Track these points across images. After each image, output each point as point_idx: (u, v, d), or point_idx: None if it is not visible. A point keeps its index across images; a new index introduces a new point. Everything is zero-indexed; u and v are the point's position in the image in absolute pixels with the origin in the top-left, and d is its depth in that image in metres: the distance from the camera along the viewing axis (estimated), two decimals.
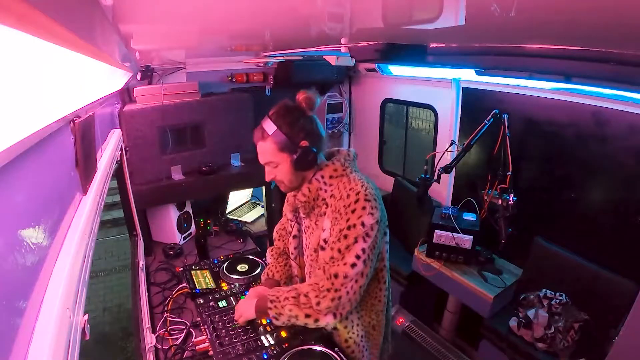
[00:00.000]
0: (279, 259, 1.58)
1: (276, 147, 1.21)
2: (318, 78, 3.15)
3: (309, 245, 1.33)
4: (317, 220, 1.28)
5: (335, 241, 1.15)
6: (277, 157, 1.22)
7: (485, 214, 2.27)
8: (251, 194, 3.28)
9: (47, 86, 0.52)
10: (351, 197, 1.14)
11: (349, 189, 1.17)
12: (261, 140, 1.23)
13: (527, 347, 1.88)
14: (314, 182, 1.25)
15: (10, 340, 0.42)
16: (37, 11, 0.27)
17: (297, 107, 1.25)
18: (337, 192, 1.21)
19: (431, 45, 1.32)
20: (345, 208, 1.14)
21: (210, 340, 1.39)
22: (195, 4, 0.75)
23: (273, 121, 1.21)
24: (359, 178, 1.21)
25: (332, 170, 1.24)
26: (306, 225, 1.34)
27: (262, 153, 1.25)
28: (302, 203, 1.27)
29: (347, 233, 1.12)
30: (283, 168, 1.23)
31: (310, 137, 1.22)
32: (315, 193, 1.25)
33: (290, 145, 1.20)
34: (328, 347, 1.30)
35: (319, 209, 1.26)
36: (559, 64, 1.03)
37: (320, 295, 1.14)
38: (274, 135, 1.20)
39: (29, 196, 0.57)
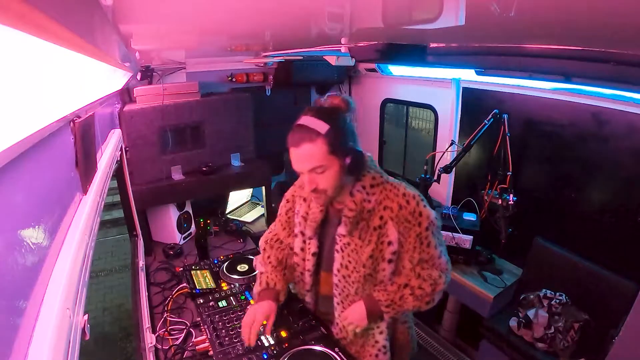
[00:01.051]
0: (278, 268, 1.43)
1: (327, 149, 1.08)
2: (318, 78, 3.15)
3: (351, 262, 1.23)
4: (361, 236, 1.20)
5: (417, 246, 1.18)
6: (327, 160, 1.10)
7: (485, 214, 2.27)
8: (251, 194, 3.28)
9: (47, 86, 0.52)
10: (411, 203, 1.16)
11: (402, 195, 1.17)
12: (308, 142, 1.08)
13: (527, 347, 1.87)
14: (356, 194, 1.18)
15: (10, 340, 0.42)
16: (37, 11, 0.27)
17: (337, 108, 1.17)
18: (388, 202, 1.17)
19: (431, 45, 1.32)
20: (412, 214, 1.16)
21: (210, 340, 1.39)
22: (196, 4, 0.75)
23: (321, 119, 1.09)
24: (398, 182, 1.22)
25: (371, 179, 1.20)
26: (344, 242, 1.23)
27: (308, 157, 1.10)
28: (349, 219, 1.19)
29: (427, 234, 1.17)
30: (330, 174, 1.12)
31: (354, 139, 1.16)
32: (360, 205, 1.18)
33: (343, 146, 1.11)
34: (328, 347, 1.30)
35: (364, 223, 1.20)
36: (559, 64, 1.03)
37: (437, 282, 1.20)
38: (327, 134, 1.08)
39: (29, 196, 0.57)
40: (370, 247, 1.19)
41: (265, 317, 1.29)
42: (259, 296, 1.39)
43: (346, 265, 1.25)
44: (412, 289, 1.20)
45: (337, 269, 1.27)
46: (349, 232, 1.21)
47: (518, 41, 1.01)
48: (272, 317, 1.31)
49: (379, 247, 1.20)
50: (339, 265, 1.27)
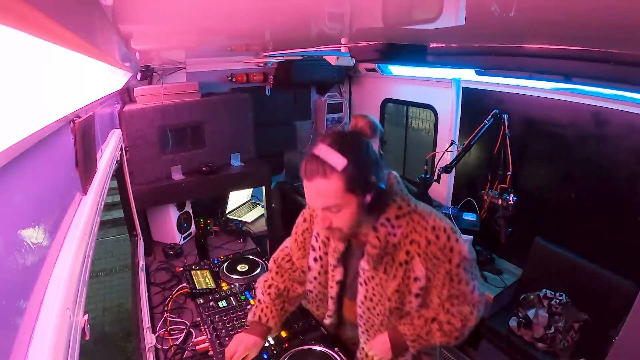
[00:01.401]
0: (276, 301, 1.33)
1: (344, 187, 0.96)
2: (318, 78, 3.15)
3: (376, 295, 1.15)
4: (386, 270, 1.11)
5: (446, 283, 1.08)
6: (343, 199, 0.98)
7: (485, 214, 2.27)
8: (251, 194, 3.28)
9: (47, 86, 0.52)
10: (442, 238, 1.05)
11: (432, 229, 1.06)
12: (321, 178, 0.96)
13: (527, 347, 1.87)
14: (380, 228, 1.07)
15: (10, 340, 0.42)
16: (37, 11, 0.27)
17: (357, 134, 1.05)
18: (415, 235, 1.07)
19: (431, 45, 1.32)
20: (442, 250, 1.05)
21: (210, 340, 1.39)
22: (196, 4, 0.75)
23: (338, 151, 0.96)
24: (428, 211, 1.10)
25: (396, 209, 1.08)
26: (368, 276, 1.14)
27: (321, 194, 0.98)
28: (372, 257, 1.09)
29: (458, 271, 1.06)
30: (347, 212, 1.00)
31: (377, 171, 1.02)
32: (384, 240, 1.07)
33: (363, 183, 0.98)
34: (328, 347, 1.30)
35: (388, 257, 1.10)
36: (559, 64, 1.03)
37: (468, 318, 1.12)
38: (345, 170, 0.94)
39: (29, 196, 0.57)
40: (396, 281, 1.10)
41: (247, 351, 1.23)
42: (250, 326, 1.33)
43: (370, 298, 1.17)
44: (440, 324, 1.11)
45: (361, 301, 1.19)
46: (372, 268, 1.12)
47: (518, 41, 1.01)
48: (253, 354, 1.25)
49: (405, 281, 1.10)
50: (362, 298, 1.18)
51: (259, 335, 1.28)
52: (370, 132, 1.06)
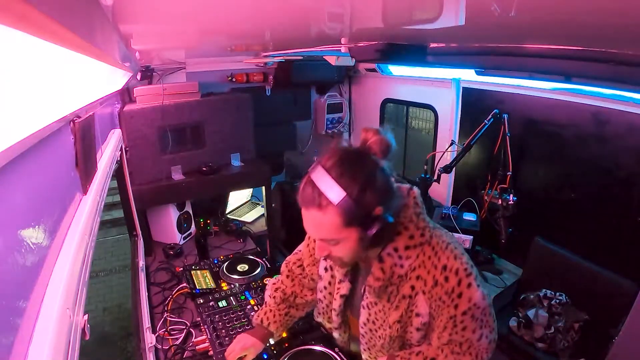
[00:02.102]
0: (281, 306, 1.32)
1: (342, 221, 0.85)
2: (318, 78, 3.15)
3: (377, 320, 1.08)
4: (390, 299, 1.03)
5: (448, 327, 0.96)
6: (341, 234, 0.88)
7: (485, 214, 2.27)
8: (251, 194, 3.29)
9: (47, 86, 0.52)
10: (451, 281, 0.93)
11: (442, 269, 0.94)
12: (316, 209, 0.86)
13: (527, 347, 1.87)
14: (386, 259, 0.97)
15: (10, 340, 0.42)
16: (37, 11, 0.27)
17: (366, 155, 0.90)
18: (423, 272, 0.96)
19: (431, 45, 1.32)
20: (449, 295, 0.93)
21: (210, 340, 1.39)
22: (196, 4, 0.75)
23: (337, 181, 0.84)
24: (444, 245, 0.97)
25: (407, 239, 0.97)
26: (371, 301, 1.07)
27: (317, 226, 0.90)
28: (374, 289, 1.00)
29: (463, 318, 0.94)
30: (346, 245, 0.91)
31: (386, 200, 0.89)
32: (389, 272, 0.97)
33: (364, 218, 0.87)
34: (328, 347, 1.30)
35: (393, 287, 1.01)
36: (559, 64, 1.03)
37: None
38: (342, 204, 0.83)
39: (29, 196, 0.57)
40: (398, 312, 1.02)
41: (244, 351, 1.24)
42: (254, 328, 1.34)
43: (373, 321, 1.10)
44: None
45: (364, 322, 1.12)
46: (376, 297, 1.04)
47: (518, 41, 1.01)
48: (251, 355, 1.26)
49: (407, 314, 1.02)
50: (365, 320, 1.12)
51: (259, 337, 1.29)
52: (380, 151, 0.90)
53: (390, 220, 0.89)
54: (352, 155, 0.89)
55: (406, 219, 0.98)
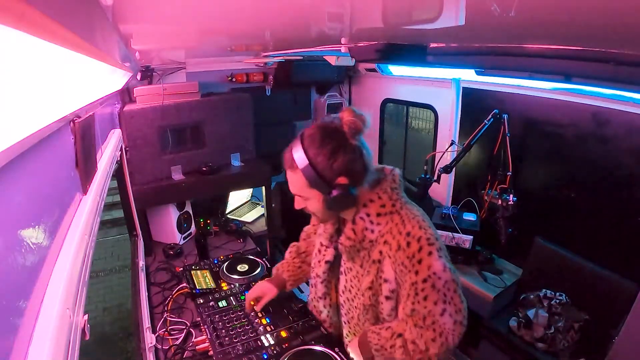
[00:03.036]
0: (295, 259, 1.50)
1: (306, 183, 1.03)
2: (318, 78, 3.15)
3: (353, 288, 1.17)
4: (362, 264, 1.12)
5: (411, 295, 1.02)
6: (307, 193, 1.06)
7: (485, 214, 2.27)
8: (251, 194, 3.29)
9: (47, 86, 0.52)
10: (412, 246, 1.00)
11: (406, 235, 1.02)
12: (289, 170, 1.06)
13: (527, 347, 1.87)
14: (358, 221, 1.08)
15: (10, 340, 0.42)
16: (37, 11, 0.27)
17: (338, 131, 1.03)
18: (389, 237, 1.05)
19: (431, 45, 1.32)
20: (410, 259, 1.01)
21: (210, 340, 1.39)
22: (196, 4, 0.75)
23: (305, 149, 1.01)
24: (412, 216, 1.06)
25: (378, 207, 1.07)
26: (347, 267, 1.18)
27: (290, 182, 1.09)
28: (346, 248, 1.11)
29: (423, 286, 0.99)
30: (314, 204, 1.08)
31: (350, 173, 1.02)
32: (361, 235, 1.08)
33: (324, 183, 1.02)
34: (328, 347, 1.30)
35: (365, 252, 1.11)
36: (559, 64, 1.03)
37: (430, 344, 1.02)
38: (305, 170, 1.01)
39: (29, 196, 0.57)
40: (369, 278, 1.10)
41: (260, 293, 1.47)
42: (272, 277, 1.54)
43: (349, 289, 1.19)
44: (405, 342, 1.05)
45: (342, 290, 1.23)
46: (349, 259, 1.15)
47: (518, 41, 1.01)
48: (266, 299, 1.47)
49: (377, 280, 1.10)
50: (343, 287, 1.22)
51: (275, 284, 1.49)
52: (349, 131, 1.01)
53: (352, 192, 1.03)
54: (324, 131, 1.03)
55: (381, 190, 1.09)
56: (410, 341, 1.04)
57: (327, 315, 1.37)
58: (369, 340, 1.12)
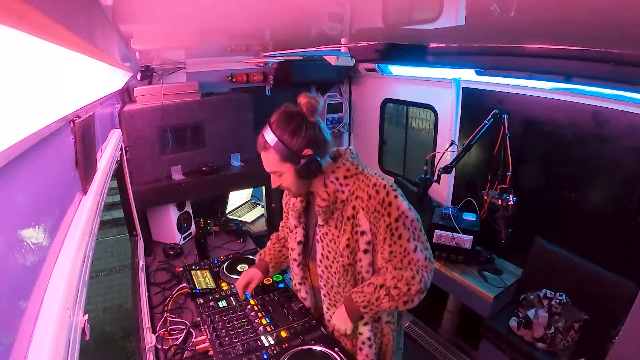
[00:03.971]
0: (275, 244, 1.64)
1: (278, 158, 1.20)
2: (318, 78, 3.15)
3: (331, 252, 1.30)
4: (337, 225, 1.25)
5: (387, 237, 1.18)
6: (280, 167, 1.22)
7: (485, 214, 2.27)
8: (251, 194, 3.28)
9: (47, 86, 0.52)
10: (381, 193, 1.17)
11: (373, 185, 1.19)
12: (263, 150, 1.23)
13: (527, 347, 1.87)
14: (329, 185, 1.24)
15: (10, 340, 0.42)
16: (37, 11, 0.27)
17: (298, 113, 1.21)
18: (360, 191, 1.21)
19: (431, 45, 1.32)
20: (381, 204, 1.17)
21: (210, 340, 1.39)
22: (195, 4, 0.75)
23: (273, 130, 1.20)
24: (372, 173, 1.24)
25: (345, 170, 1.24)
26: (323, 232, 1.30)
27: (265, 162, 1.26)
28: (322, 209, 1.24)
29: (397, 225, 1.16)
30: (288, 177, 1.23)
31: (314, 144, 1.20)
32: (333, 196, 1.23)
33: (293, 155, 1.19)
34: (328, 347, 1.30)
35: (338, 213, 1.25)
36: (559, 64, 1.03)
37: (411, 283, 1.18)
38: (275, 146, 1.19)
39: (29, 196, 0.57)
40: (345, 236, 1.23)
41: (249, 278, 1.57)
42: (256, 263, 1.65)
43: (327, 256, 1.30)
44: (388, 289, 1.19)
45: (320, 260, 1.33)
46: (325, 222, 1.27)
47: (518, 41, 1.01)
48: (254, 283, 1.58)
49: (354, 237, 1.23)
50: (320, 256, 1.33)
51: (259, 268, 1.59)
52: (307, 111, 1.19)
53: (318, 159, 1.19)
54: (287, 113, 1.22)
55: (343, 159, 1.27)
56: (392, 287, 1.19)
57: (311, 302, 1.50)
58: (355, 300, 1.23)
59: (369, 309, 1.23)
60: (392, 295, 1.19)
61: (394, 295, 1.19)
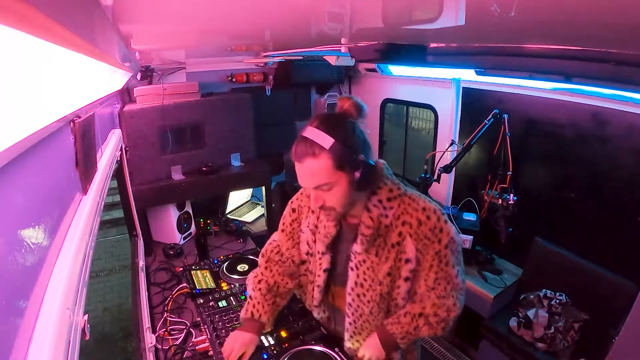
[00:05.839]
0: (267, 296, 1.34)
1: (333, 164, 0.99)
2: (318, 78, 3.15)
3: (367, 280, 1.15)
4: (378, 253, 1.12)
5: (434, 264, 1.09)
6: (333, 177, 1.01)
7: (485, 214, 2.27)
8: (251, 194, 3.28)
9: (47, 86, 0.52)
10: (432, 218, 1.08)
11: (422, 210, 1.09)
12: (311, 158, 0.99)
13: (527, 347, 1.87)
14: (373, 209, 1.09)
15: (10, 340, 0.42)
16: (37, 11, 0.27)
17: (345, 115, 1.06)
18: (407, 216, 1.09)
19: (431, 45, 1.32)
20: (432, 231, 1.08)
21: (210, 340, 1.39)
22: (195, 4, 0.75)
23: (326, 131, 0.99)
24: (417, 194, 1.14)
25: (387, 191, 1.11)
26: (360, 260, 1.15)
27: (312, 174, 1.01)
28: (366, 237, 1.10)
29: (445, 252, 1.09)
30: (339, 190, 1.03)
31: (365, 150, 1.05)
32: (377, 221, 1.09)
33: (351, 160, 1.01)
34: (328, 347, 1.30)
35: (380, 239, 1.11)
36: (559, 64, 1.03)
37: (451, 309, 1.14)
38: (332, 149, 0.97)
39: (29, 196, 0.57)
40: (387, 264, 1.11)
41: (244, 348, 1.25)
42: (244, 323, 1.33)
43: (361, 284, 1.17)
44: (427, 318, 1.13)
45: (352, 287, 1.19)
46: (365, 250, 1.12)
47: (518, 41, 1.01)
48: (250, 351, 1.27)
49: (397, 264, 1.12)
50: (353, 284, 1.18)
51: (253, 331, 1.29)
52: (355, 112, 1.06)
53: (372, 163, 1.05)
54: (333, 116, 1.06)
55: (383, 177, 1.13)
56: (432, 314, 1.13)
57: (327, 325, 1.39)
58: (392, 332, 1.16)
59: (407, 339, 1.16)
60: (431, 324, 1.14)
61: (433, 323, 1.13)
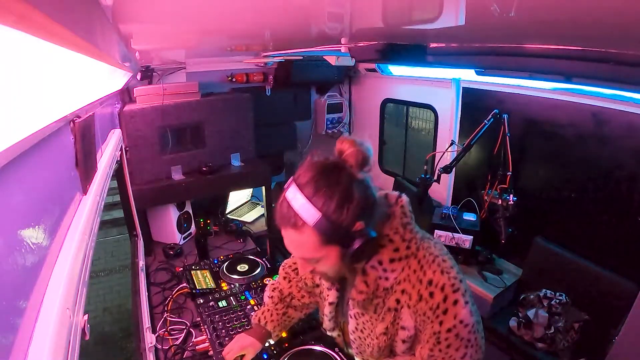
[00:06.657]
0: (278, 305, 1.31)
1: (319, 240, 0.82)
2: (318, 78, 3.15)
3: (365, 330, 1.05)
4: (376, 310, 0.99)
5: (432, 342, 0.91)
6: (320, 252, 0.85)
7: (485, 214, 2.27)
8: (251, 194, 3.29)
9: (47, 86, 0.52)
10: (436, 297, 0.88)
11: (427, 284, 0.89)
12: (293, 229, 0.83)
13: (527, 347, 1.87)
14: (370, 272, 0.92)
15: (10, 340, 0.42)
16: (37, 11, 0.27)
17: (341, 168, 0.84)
18: (407, 285, 0.91)
19: (431, 45, 1.32)
20: (433, 310, 0.88)
21: (210, 340, 1.40)
22: (196, 4, 0.75)
23: (311, 200, 0.80)
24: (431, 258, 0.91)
25: (391, 251, 0.91)
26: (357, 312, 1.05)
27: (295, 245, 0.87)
28: (359, 302, 0.96)
29: (447, 336, 0.88)
30: (328, 262, 0.88)
31: (366, 214, 0.85)
32: (374, 285, 0.93)
33: (342, 234, 0.83)
34: (328, 347, 1.30)
35: (379, 300, 0.96)
36: (559, 64, 1.03)
37: None
38: (318, 225, 0.80)
39: (29, 196, 0.57)
40: (384, 324, 0.98)
41: (242, 351, 1.24)
42: (252, 327, 1.34)
43: (361, 330, 1.07)
44: None
45: (352, 331, 1.10)
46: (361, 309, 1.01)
47: (518, 41, 1.01)
48: (251, 355, 1.25)
49: (394, 326, 0.98)
50: (353, 328, 1.09)
51: (257, 337, 1.28)
52: (357, 164, 0.84)
53: (373, 235, 0.86)
54: (327, 171, 0.83)
55: (392, 231, 0.93)
56: None
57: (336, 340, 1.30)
58: None
59: None
60: None
61: None
